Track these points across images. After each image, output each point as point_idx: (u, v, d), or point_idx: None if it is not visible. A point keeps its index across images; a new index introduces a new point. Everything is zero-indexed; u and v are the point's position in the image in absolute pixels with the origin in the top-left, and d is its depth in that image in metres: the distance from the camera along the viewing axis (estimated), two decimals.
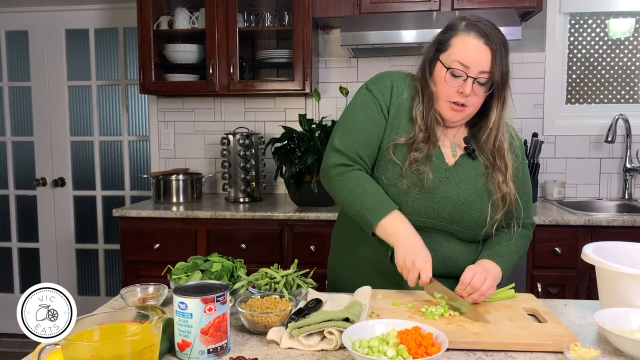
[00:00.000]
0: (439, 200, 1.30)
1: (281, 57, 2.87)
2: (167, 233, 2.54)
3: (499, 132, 1.32)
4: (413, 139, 1.31)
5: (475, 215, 1.32)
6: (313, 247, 2.44)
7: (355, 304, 1.10)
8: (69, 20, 3.34)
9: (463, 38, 1.26)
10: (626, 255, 1.23)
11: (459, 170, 1.33)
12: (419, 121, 1.31)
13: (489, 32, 1.25)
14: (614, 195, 2.92)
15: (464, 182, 1.32)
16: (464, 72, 1.26)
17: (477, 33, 1.25)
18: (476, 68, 1.25)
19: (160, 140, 3.21)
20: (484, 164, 1.35)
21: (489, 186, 1.32)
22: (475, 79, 1.26)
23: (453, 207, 1.30)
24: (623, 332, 1.00)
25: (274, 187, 3.12)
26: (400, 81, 1.37)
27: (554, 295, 2.35)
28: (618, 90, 2.98)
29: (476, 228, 1.33)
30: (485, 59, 1.25)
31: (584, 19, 2.94)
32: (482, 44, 1.25)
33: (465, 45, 1.25)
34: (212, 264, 1.29)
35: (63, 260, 3.49)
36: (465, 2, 2.55)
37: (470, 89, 1.26)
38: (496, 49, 1.24)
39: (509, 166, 1.32)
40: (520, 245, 1.39)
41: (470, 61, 1.25)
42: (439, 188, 1.30)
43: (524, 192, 1.39)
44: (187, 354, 0.95)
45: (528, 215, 1.41)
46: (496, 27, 1.28)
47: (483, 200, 1.32)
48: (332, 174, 1.33)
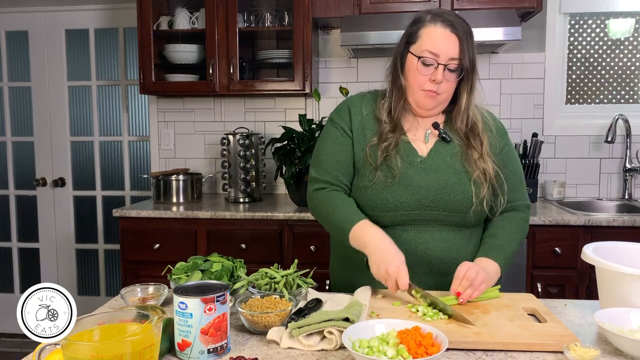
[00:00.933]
0: (419, 190, 1.33)
1: (281, 57, 2.87)
2: (167, 233, 2.54)
3: (469, 114, 1.38)
4: (381, 132, 1.38)
5: (458, 197, 1.33)
6: (313, 247, 2.44)
7: (355, 304, 1.10)
8: (69, 20, 3.34)
9: (431, 29, 1.32)
10: (626, 255, 1.23)
11: (434, 158, 1.37)
12: (384, 116, 1.39)
13: (454, 20, 1.32)
14: (614, 196, 2.92)
15: (440, 168, 1.36)
16: (434, 60, 1.31)
17: (443, 22, 1.31)
18: (445, 55, 1.30)
19: (160, 140, 3.21)
20: (459, 146, 1.38)
21: (466, 166, 1.36)
22: (446, 65, 1.31)
23: (435, 195, 1.33)
24: (623, 332, 1.00)
25: (274, 187, 3.12)
26: (357, 102, 1.46)
27: (554, 295, 2.35)
28: (618, 91, 2.98)
29: (463, 210, 1.34)
30: (453, 46, 1.30)
31: (584, 19, 2.94)
32: (449, 32, 1.30)
33: (433, 35, 1.31)
34: (212, 264, 1.29)
35: (63, 260, 3.49)
36: (465, 2, 2.55)
37: (441, 75, 1.31)
38: (462, 36, 1.30)
39: (484, 143, 1.37)
40: (517, 230, 1.40)
41: (439, 49, 1.30)
42: (416, 179, 1.34)
43: (513, 173, 1.42)
44: (187, 354, 0.95)
45: (521, 197, 1.43)
46: (460, 17, 1.34)
47: (463, 181, 1.34)
48: (311, 198, 1.45)
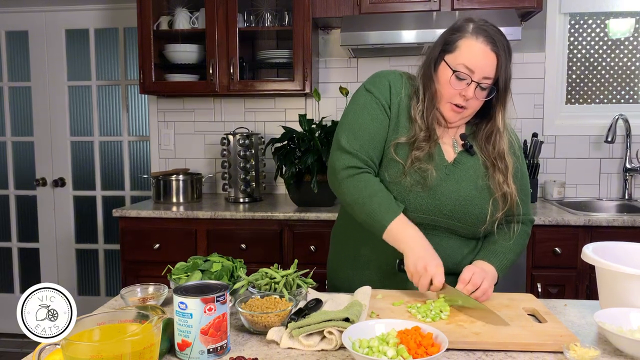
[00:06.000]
0: (441, 197, 1.31)
1: (281, 57, 2.87)
2: (167, 233, 2.54)
3: (501, 135, 1.33)
4: (414, 138, 1.31)
5: (476, 211, 1.33)
6: (313, 247, 2.44)
7: (355, 304, 1.10)
8: (69, 20, 3.34)
9: (471, 42, 1.26)
10: (626, 255, 1.23)
11: (458, 167, 1.35)
12: (418, 120, 1.31)
13: (496, 38, 1.26)
14: (613, 196, 2.92)
15: (464, 179, 1.33)
16: (468, 75, 1.26)
17: (485, 38, 1.25)
18: (481, 73, 1.26)
19: (160, 140, 3.21)
20: (483, 163, 1.35)
21: (489, 184, 1.33)
22: (479, 83, 1.26)
23: (454, 204, 1.31)
24: (623, 332, 1.00)
25: (274, 187, 3.12)
26: (397, 80, 1.37)
27: (554, 295, 2.35)
28: (618, 91, 2.98)
29: (477, 224, 1.34)
30: (490, 65, 1.26)
31: (584, 19, 2.94)
32: (489, 50, 1.25)
33: (472, 49, 1.25)
34: (212, 264, 1.29)
35: (63, 260, 3.49)
36: (465, 2, 2.55)
37: (472, 93, 1.27)
38: (501, 55, 1.26)
39: (509, 167, 1.33)
40: (518, 243, 1.39)
41: (476, 66, 1.25)
42: (440, 185, 1.31)
43: (522, 189, 1.41)
44: (187, 354, 0.95)
45: (527, 212, 1.42)
46: (501, 32, 1.29)
47: (484, 197, 1.33)
48: (343, 176, 1.32)
